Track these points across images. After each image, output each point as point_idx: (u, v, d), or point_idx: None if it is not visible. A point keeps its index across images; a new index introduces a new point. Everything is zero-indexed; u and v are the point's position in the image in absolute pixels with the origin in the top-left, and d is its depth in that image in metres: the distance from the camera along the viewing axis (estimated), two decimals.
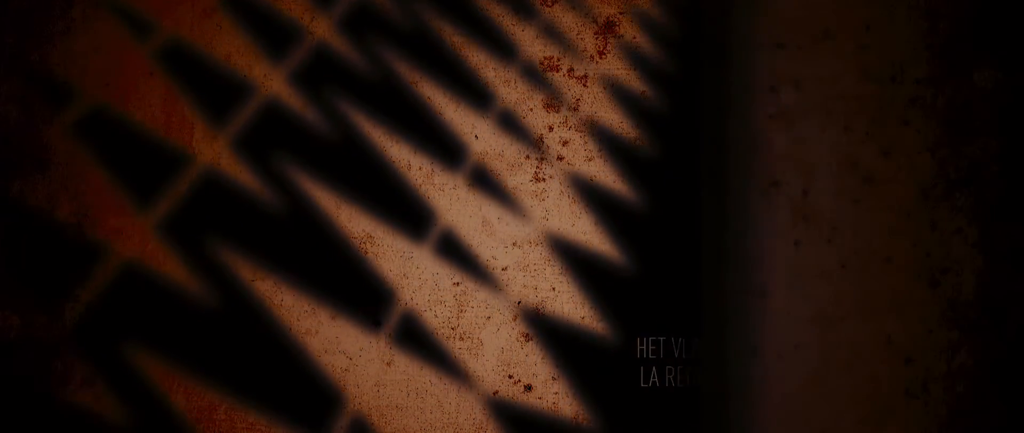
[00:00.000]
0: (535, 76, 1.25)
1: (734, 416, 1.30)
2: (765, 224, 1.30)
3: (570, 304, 1.21)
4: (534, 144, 1.23)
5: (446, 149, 1.19)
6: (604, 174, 1.25)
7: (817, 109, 1.30)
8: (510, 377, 1.18)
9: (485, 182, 1.20)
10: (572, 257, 1.22)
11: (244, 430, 1.08)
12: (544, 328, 1.20)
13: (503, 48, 1.24)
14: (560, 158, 1.24)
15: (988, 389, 1.32)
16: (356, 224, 1.14)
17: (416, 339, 1.15)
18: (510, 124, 1.22)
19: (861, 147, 1.30)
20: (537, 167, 1.23)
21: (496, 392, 1.17)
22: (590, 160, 1.25)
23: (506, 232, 1.20)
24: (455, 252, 1.18)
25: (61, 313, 1.04)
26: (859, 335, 1.29)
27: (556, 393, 1.19)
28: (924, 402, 1.30)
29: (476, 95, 1.22)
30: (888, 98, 1.32)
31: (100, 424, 1.04)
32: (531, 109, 1.24)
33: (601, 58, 1.27)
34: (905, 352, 1.30)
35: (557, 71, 1.26)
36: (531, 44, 1.25)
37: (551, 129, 1.24)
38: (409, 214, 1.17)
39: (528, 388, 1.18)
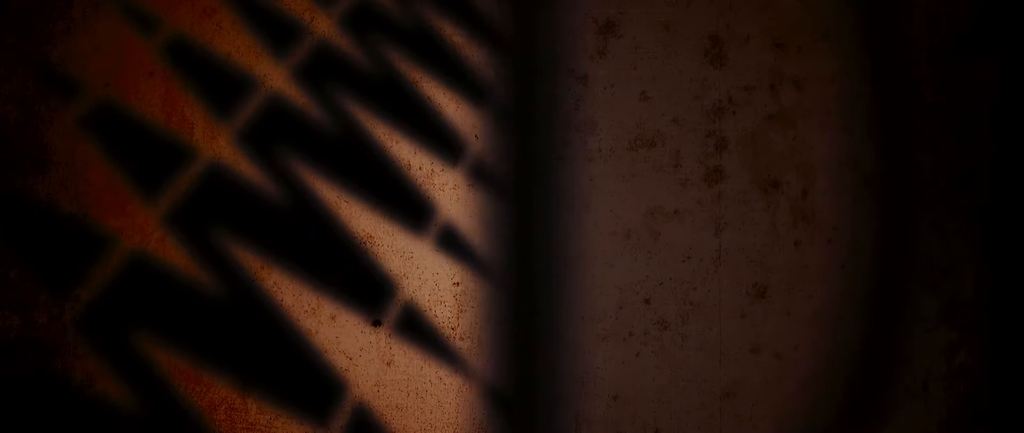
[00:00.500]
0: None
1: None
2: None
3: None
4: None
5: (447, 147, 1.19)
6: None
7: (817, 109, 1.30)
8: None
9: (486, 181, 1.20)
10: None
11: (244, 430, 1.08)
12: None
13: (503, 46, 1.24)
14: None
15: (988, 389, 1.32)
16: (357, 223, 1.14)
17: (416, 339, 1.15)
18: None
19: (861, 147, 1.31)
20: None
21: (496, 392, 1.17)
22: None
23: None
24: (455, 252, 1.18)
25: (61, 312, 1.04)
26: (859, 335, 1.29)
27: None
28: (924, 402, 1.30)
29: (477, 93, 1.21)
30: (888, 98, 1.32)
31: (100, 421, 1.03)
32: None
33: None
34: (905, 352, 1.30)
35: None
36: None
37: None
38: (410, 213, 1.16)
39: None
